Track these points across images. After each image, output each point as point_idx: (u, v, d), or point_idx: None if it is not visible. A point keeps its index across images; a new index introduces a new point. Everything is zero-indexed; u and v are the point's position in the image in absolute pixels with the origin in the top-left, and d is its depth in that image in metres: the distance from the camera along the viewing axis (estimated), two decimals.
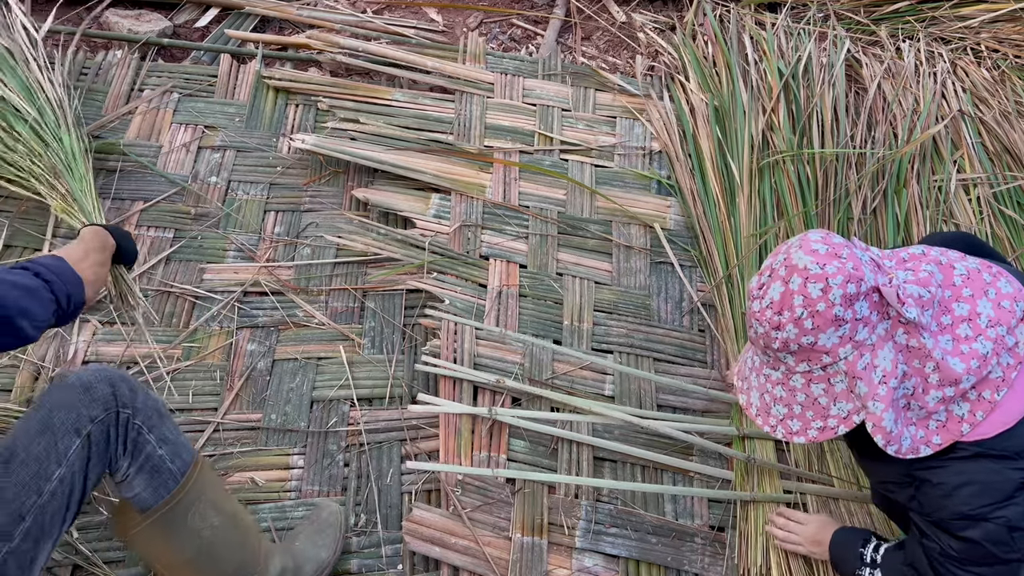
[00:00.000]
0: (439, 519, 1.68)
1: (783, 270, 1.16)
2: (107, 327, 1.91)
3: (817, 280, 1.12)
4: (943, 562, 1.24)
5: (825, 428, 1.22)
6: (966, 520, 1.19)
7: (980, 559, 1.21)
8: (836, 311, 1.12)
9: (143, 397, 1.27)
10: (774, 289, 1.16)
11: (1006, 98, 2.65)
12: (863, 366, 1.16)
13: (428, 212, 2.19)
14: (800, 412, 1.23)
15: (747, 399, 1.30)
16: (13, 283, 1.10)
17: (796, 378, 1.21)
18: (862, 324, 1.14)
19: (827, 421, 1.21)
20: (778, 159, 2.31)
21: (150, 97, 2.35)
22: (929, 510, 1.24)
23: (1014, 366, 1.18)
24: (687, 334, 2.04)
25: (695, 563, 1.68)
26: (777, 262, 1.18)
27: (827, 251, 1.14)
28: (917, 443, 1.20)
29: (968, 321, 1.18)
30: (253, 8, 2.70)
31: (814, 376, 1.19)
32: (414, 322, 2.01)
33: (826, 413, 1.21)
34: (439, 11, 2.87)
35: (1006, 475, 1.17)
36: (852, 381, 1.17)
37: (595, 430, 1.83)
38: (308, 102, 2.45)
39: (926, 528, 1.26)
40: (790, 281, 1.14)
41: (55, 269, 1.18)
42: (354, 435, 1.81)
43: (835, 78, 2.57)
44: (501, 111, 2.48)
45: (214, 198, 2.18)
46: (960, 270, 1.22)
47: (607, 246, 2.20)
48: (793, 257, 1.15)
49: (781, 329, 1.15)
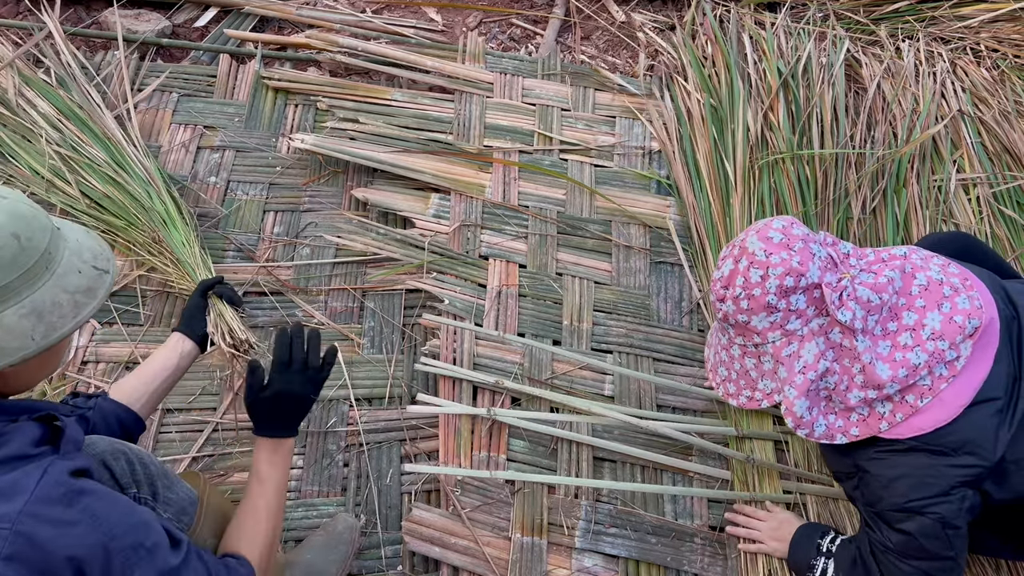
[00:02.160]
0: (439, 519, 1.68)
1: (736, 249, 1.25)
2: (107, 327, 1.91)
3: (759, 267, 1.20)
4: (884, 552, 1.28)
5: (752, 399, 1.32)
6: (902, 512, 1.23)
7: (916, 553, 1.24)
8: (769, 299, 1.20)
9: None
10: (726, 265, 1.26)
11: (1006, 98, 2.65)
12: (788, 353, 1.23)
13: (427, 212, 2.19)
14: (735, 379, 1.34)
15: (707, 352, 1.42)
16: None
17: (735, 348, 1.32)
18: (795, 316, 1.21)
19: (754, 393, 1.32)
20: (778, 159, 2.31)
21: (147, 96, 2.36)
22: (870, 500, 1.28)
23: (946, 378, 1.21)
24: (687, 334, 2.04)
25: (695, 563, 1.68)
26: (737, 240, 1.27)
27: (780, 241, 1.21)
28: (834, 431, 1.27)
29: (912, 331, 1.22)
30: (252, 8, 2.70)
31: (747, 351, 1.29)
32: (414, 322, 2.00)
33: (754, 386, 1.32)
34: (438, 11, 2.87)
35: (941, 471, 1.21)
36: (776, 364, 1.25)
37: (595, 430, 1.83)
38: (307, 102, 2.44)
39: (868, 519, 1.31)
40: (739, 261, 1.23)
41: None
42: (353, 435, 1.81)
43: (835, 78, 2.56)
44: (500, 111, 2.47)
45: (213, 198, 2.18)
46: (920, 280, 1.25)
47: (607, 246, 2.19)
48: (748, 239, 1.23)
49: (723, 302, 1.25)
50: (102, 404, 1.28)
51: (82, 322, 0.96)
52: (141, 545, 0.92)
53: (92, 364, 1.85)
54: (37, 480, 0.86)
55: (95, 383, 1.81)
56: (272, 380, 1.24)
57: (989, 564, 1.70)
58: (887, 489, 1.24)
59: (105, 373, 1.84)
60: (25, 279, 0.90)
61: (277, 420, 1.25)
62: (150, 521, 0.96)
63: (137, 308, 1.94)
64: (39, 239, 0.92)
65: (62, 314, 0.93)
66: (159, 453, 1.74)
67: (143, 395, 1.32)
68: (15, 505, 0.84)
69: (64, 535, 0.86)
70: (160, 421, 1.79)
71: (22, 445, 0.89)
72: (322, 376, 1.29)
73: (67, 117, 2.17)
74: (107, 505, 0.91)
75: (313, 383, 1.27)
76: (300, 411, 1.27)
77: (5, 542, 0.83)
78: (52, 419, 0.95)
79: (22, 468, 0.87)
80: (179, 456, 1.74)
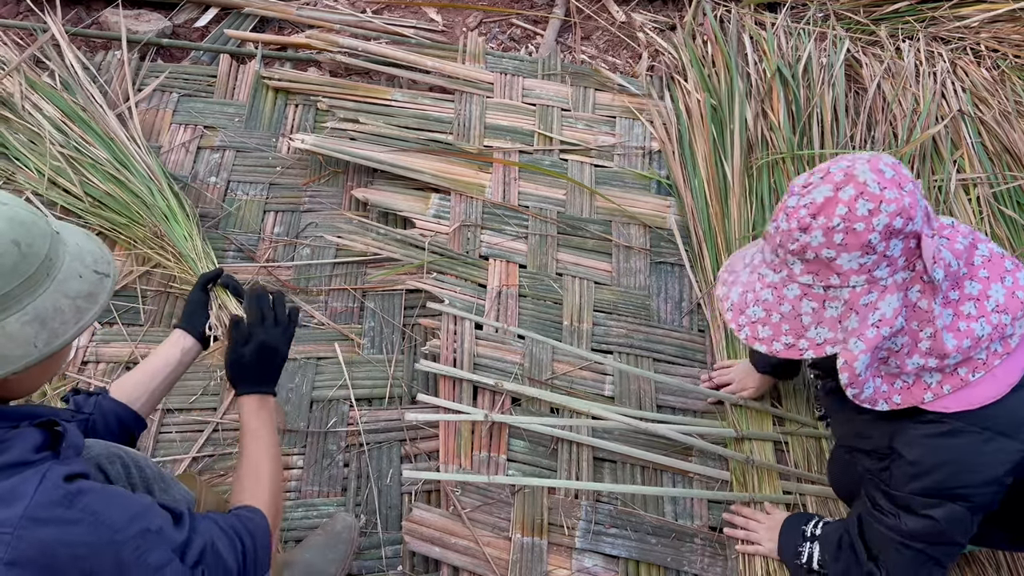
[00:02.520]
0: (439, 519, 1.68)
1: (840, 176, 1.09)
2: (107, 327, 1.91)
3: (870, 200, 1.06)
4: (887, 536, 1.25)
5: (793, 346, 1.17)
6: (935, 498, 1.18)
7: (930, 538, 1.21)
8: (872, 237, 1.07)
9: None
10: (820, 191, 1.10)
11: (1006, 98, 2.65)
12: (865, 302, 1.11)
13: (428, 212, 2.19)
14: (776, 322, 1.17)
15: (726, 291, 1.25)
16: (222, 560, 1.02)
17: (793, 287, 1.16)
18: (887, 263, 1.10)
19: (799, 341, 1.16)
20: (777, 159, 2.31)
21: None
22: (896, 484, 1.23)
23: (1000, 354, 1.16)
24: (687, 334, 2.04)
25: (694, 563, 1.67)
26: (836, 167, 1.11)
27: (892, 177, 1.08)
28: (878, 396, 1.19)
29: (976, 301, 1.15)
30: (252, 8, 2.70)
31: (812, 292, 1.14)
32: (414, 322, 2.00)
33: (802, 333, 1.16)
34: (439, 11, 2.87)
35: (992, 456, 1.15)
36: (847, 312, 1.12)
37: (595, 431, 1.83)
38: (307, 102, 2.45)
39: (881, 501, 1.26)
40: (842, 189, 1.08)
41: (260, 555, 1.10)
42: (354, 435, 1.81)
43: (835, 78, 2.57)
44: (501, 111, 2.48)
45: (214, 198, 2.18)
46: (983, 251, 1.19)
47: (607, 246, 2.19)
48: (857, 168, 1.09)
49: (807, 232, 1.10)
50: (102, 403, 1.28)
51: (84, 327, 0.96)
52: (147, 530, 0.93)
53: (92, 364, 1.85)
54: (36, 485, 0.87)
55: (95, 383, 1.81)
56: (252, 334, 1.29)
57: (989, 564, 1.70)
58: (925, 476, 1.18)
59: (105, 373, 1.84)
60: (26, 286, 0.90)
61: (260, 374, 1.30)
62: (150, 505, 0.97)
63: (137, 308, 1.94)
64: (39, 245, 0.92)
65: (64, 320, 0.93)
66: (159, 453, 1.74)
67: (143, 393, 1.32)
68: (16, 510, 0.85)
69: (67, 535, 0.86)
70: (160, 421, 1.79)
71: (23, 451, 0.90)
72: (291, 331, 1.36)
73: (71, 119, 2.17)
74: (106, 501, 0.92)
75: (285, 336, 1.34)
76: (278, 364, 1.33)
77: (7, 547, 0.84)
78: (53, 424, 0.96)
79: (22, 474, 0.88)
80: (179, 456, 1.74)
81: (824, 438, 1.86)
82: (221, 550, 1.02)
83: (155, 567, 0.92)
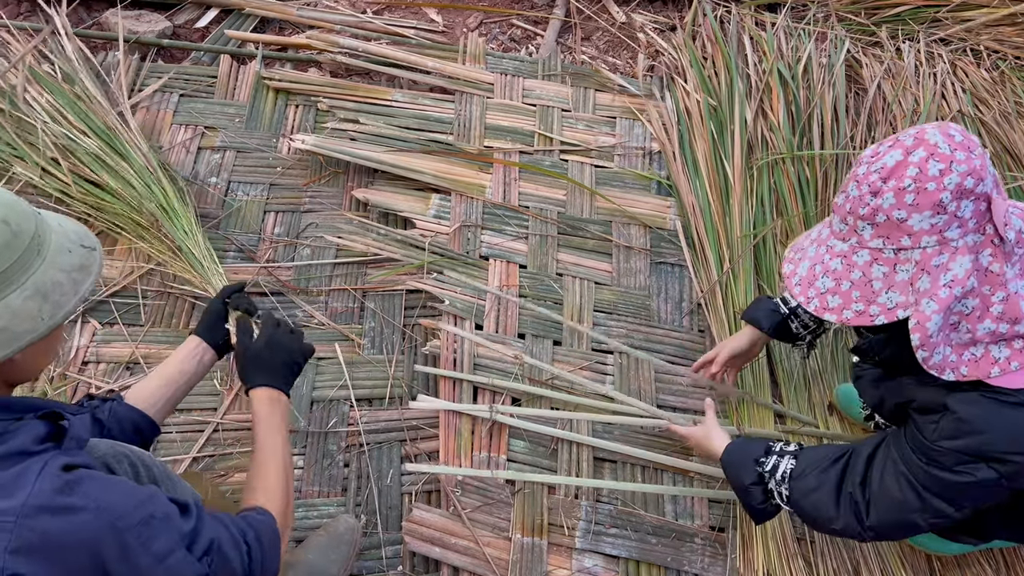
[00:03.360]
0: (439, 519, 1.68)
1: (910, 140, 1.12)
2: (107, 327, 1.91)
3: (941, 160, 1.08)
4: (900, 470, 1.24)
5: (864, 313, 1.17)
6: (976, 457, 1.17)
7: (951, 494, 1.20)
8: (943, 196, 1.08)
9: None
10: (891, 156, 1.12)
11: (1006, 99, 2.65)
12: (937, 263, 1.12)
13: (428, 212, 2.19)
14: (846, 290, 1.18)
15: (792, 268, 1.26)
16: (227, 560, 1.01)
17: (862, 253, 1.17)
18: (957, 224, 1.10)
19: (869, 307, 1.17)
20: (778, 159, 2.31)
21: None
22: (938, 437, 1.20)
23: None
24: (687, 334, 2.04)
25: (695, 563, 1.67)
26: (905, 135, 1.14)
27: (961, 141, 1.10)
28: (946, 364, 1.18)
29: None
30: (253, 9, 2.70)
31: (882, 256, 1.15)
32: (414, 322, 2.01)
33: (872, 299, 1.16)
34: (439, 11, 2.87)
35: None
36: (918, 273, 1.13)
37: (595, 430, 1.83)
38: (308, 102, 2.45)
39: (916, 444, 1.24)
40: (912, 152, 1.10)
41: (267, 558, 1.08)
42: (354, 435, 1.81)
43: (835, 78, 2.57)
44: (501, 111, 2.48)
45: (214, 199, 2.18)
46: None
47: (607, 246, 2.19)
48: (927, 132, 1.11)
49: (878, 195, 1.12)
50: (117, 409, 1.28)
51: (83, 297, 0.98)
52: (152, 516, 0.93)
53: (93, 364, 1.85)
54: (37, 473, 0.87)
55: (95, 383, 1.82)
56: (263, 333, 1.34)
57: (989, 564, 1.70)
58: (975, 435, 1.17)
59: (106, 373, 1.84)
60: (21, 263, 0.92)
61: (274, 369, 1.31)
62: (155, 493, 0.97)
63: (138, 308, 1.95)
64: (27, 224, 0.94)
65: (63, 292, 0.96)
66: (160, 453, 1.74)
67: (159, 399, 1.33)
68: (18, 499, 0.85)
69: (70, 523, 0.87)
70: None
71: (25, 442, 0.90)
72: (306, 345, 1.39)
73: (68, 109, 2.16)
74: (107, 488, 0.92)
75: (300, 344, 1.37)
76: (293, 366, 1.34)
77: (11, 536, 0.84)
78: (58, 417, 0.96)
79: (23, 463, 0.88)
80: (180, 456, 1.74)
81: (826, 437, 1.86)
82: (227, 549, 1.02)
83: (161, 554, 0.92)
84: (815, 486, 1.34)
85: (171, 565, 0.93)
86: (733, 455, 1.50)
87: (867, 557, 1.70)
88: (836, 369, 1.99)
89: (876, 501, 1.27)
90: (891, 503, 1.25)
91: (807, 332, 1.70)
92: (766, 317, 1.69)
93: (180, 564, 0.94)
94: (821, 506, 1.33)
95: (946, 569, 1.70)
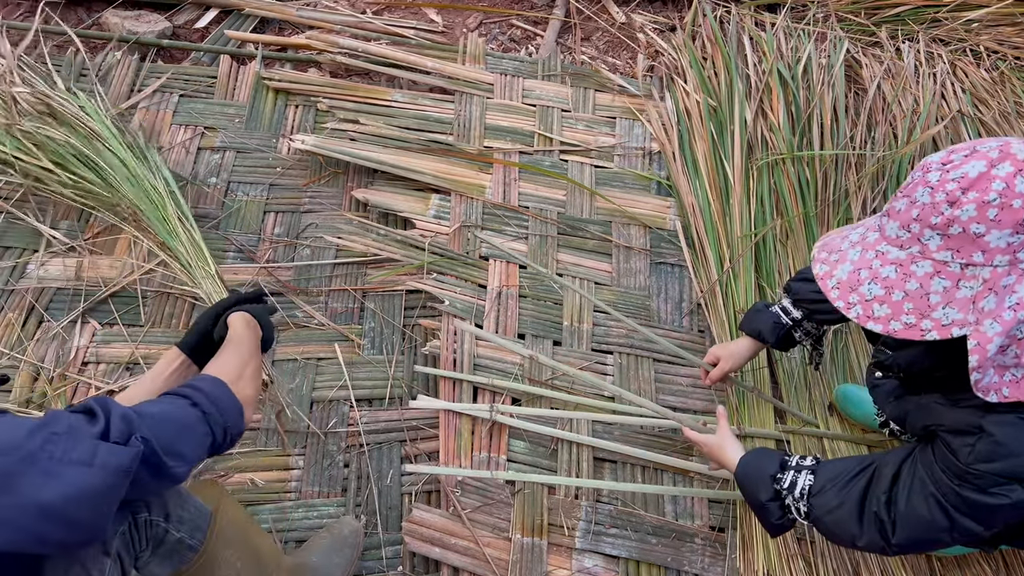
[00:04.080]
0: (439, 520, 1.68)
1: (995, 153, 1.07)
2: (107, 328, 1.91)
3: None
4: (929, 489, 1.21)
5: (914, 327, 1.11)
6: (1013, 480, 1.15)
7: (979, 515, 1.18)
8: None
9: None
10: (972, 166, 1.06)
11: (1005, 99, 2.65)
12: (1005, 284, 1.08)
13: (428, 213, 2.19)
14: (898, 300, 1.12)
15: (827, 270, 1.20)
16: (166, 416, 0.97)
17: (924, 264, 1.11)
18: None
19: (921, 321, 1.11)
20: (778, 159, 2.31)
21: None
22: (977, 459, 1.18)
23: None
24: (687, 334, 2.04)
25: (695, 563, 1.67)
26: (986, 145, 1.09)
27: None
28: (991, 385, 1.14)
29: None
30: (253, 9, 2.70)
31: (946, 270, 1.09)
32: (414, 323, 2.01)
33: (926, 313, 1.11)
34: (439, 12, 2.87)
35: None
36: (984, 292, 1.08)
37: (595, 431, 1.83)
38: (308, 103, 2.45)
39: (948, 473, 1.21)
40: (998, 165, 1.06)
41: (214, 397, 1.05)
42: (354, 436, 1.81)
43: (834, 79, 2.57)
44: (501, 112, 2.48)
45: (214, 199, 2.18)
46: None
47: (607, 247, 2.19)
48: (1013, 146, 1.07)
49: (957, 206, 1.06)
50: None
51: None
52: (54, 434, 0.84)
53: (93, 365, 1.85)
54: None
55: (95, 384, 1.81)
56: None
57: (989, 565, 1.70)
58: (1013, 458, 1.15)
59: (105, 374, 1.84)
60: None
61: (250, 313, 1.27)
62: (53, 416, 0.87)
63: (138, 308, 1.94)
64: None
65: None
66: None
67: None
68: None
69: None
70: None
71: None
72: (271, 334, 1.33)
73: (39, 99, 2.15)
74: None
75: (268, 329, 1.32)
76: (267, 327, 1.29)
77: None
78: None
79: None
80: None
81: (827, 437, 1.86)
82: (159, 410, 0.96)
83: (82, 461, 0.84)
84: (836, 504, 1.31)
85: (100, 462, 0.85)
86: (748, 471, 1.45)
87: (867, 558, 1.70)
88: (836, 369, 1.99)
89: (902, 520, 1.24)
90: (919, 522, 1.23)
91: (809, 339, 1.69)
92: (770, 331, 1.66)
93: (108, 456, 0.86)
94: (843, 523, 1.30)
95: (946, 569, 1.70)
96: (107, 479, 0.85)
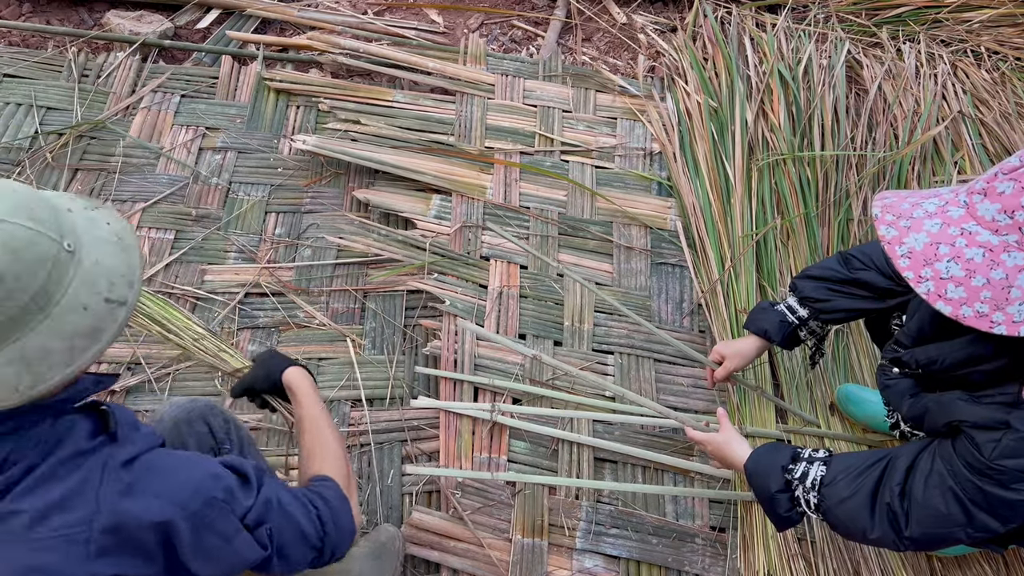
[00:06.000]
0: (439, 522, 1.68)
1: None
2: None
3: None
4: (948, 484, 1.19)
5: (985, 317, 1.08)
6: None
7: (1000, 509, 1.17)
8: None
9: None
10: None
11: (1006, 99, 2.65)
12: None
13: (429, 213, 2.19)
14: (977, 287, 1.08)
15: (896, 235, 1.14)
16: (291, 518, 1.00)
17: (1017, 256, 1.06)
18: None
19: (994, 313, 1.08)
20: (778, 160, 2.31)
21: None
22: (1002, 455, 1.16)
23: None
24: (687, 335, 2.04)
25: (696, 564, 1.68)
26: None
27: None
28: None
29: None
30: (254, 10, 2.71)
31: None
32: (415, 323, 2.01)
33: (1002, 305, 1.07)
34: (440, 12, 2.87)
35: None
36: None
37: (595, 431, 1.83)
38: (309, 103, 2.45)
39: (970, 467, 1.19)
40: None
41: (338, 516, 1.07)
42: (354, 436, 1.81)
43: (835, 79, 2.57)
44: (502, 112, 2.48)
45: (215, 199, 2.18)
46: None
47: (608, 247, 2.20)
48: None
49: None
50: None
51: (78, 370, 0.84)
52: (213, 499, 0.91)
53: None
54: (99, 480, 0.85)
55: None
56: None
57: (989, 565, 1.70)
58: None
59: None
60: (10, 325, 0.78)
61: (278, 358, 1.31)
62: (214, 471, 0.95)
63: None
64: (30, 277, 0.78)
65: (52, 363, 0.81)
66: None
67: None
68: (86, 510, 0.84)
69: (137, 520, 0.86)
70: None
71: (77, 442, 0.86)
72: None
73: None
74: (166, 478, 0.90)
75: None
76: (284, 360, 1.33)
77: (88, 543, 0.83)
78: (96, 405, 0.92)
79: (82, 467, 0.85)
80: None
81: (828, 437, 1.86)
82: (292, 511, 1.01)
83: (226, 535, 0.92)
84: (848, 494, 1.29)
85: (237, 547, 0.94)
86: (759, 462, 1.43)
87: (867, 558, 1.70)
88: (837, 369, 1.99)
89: (917, 513, 1.22)
90: (934, 516, 1.21)
91: (813, 338, 1.68)
92: (776, 330, 1.65)
93: (243, 546, 0.95)
94: (855, 515, 1.28)
95: (946, 569, 1.70)
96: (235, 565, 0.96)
